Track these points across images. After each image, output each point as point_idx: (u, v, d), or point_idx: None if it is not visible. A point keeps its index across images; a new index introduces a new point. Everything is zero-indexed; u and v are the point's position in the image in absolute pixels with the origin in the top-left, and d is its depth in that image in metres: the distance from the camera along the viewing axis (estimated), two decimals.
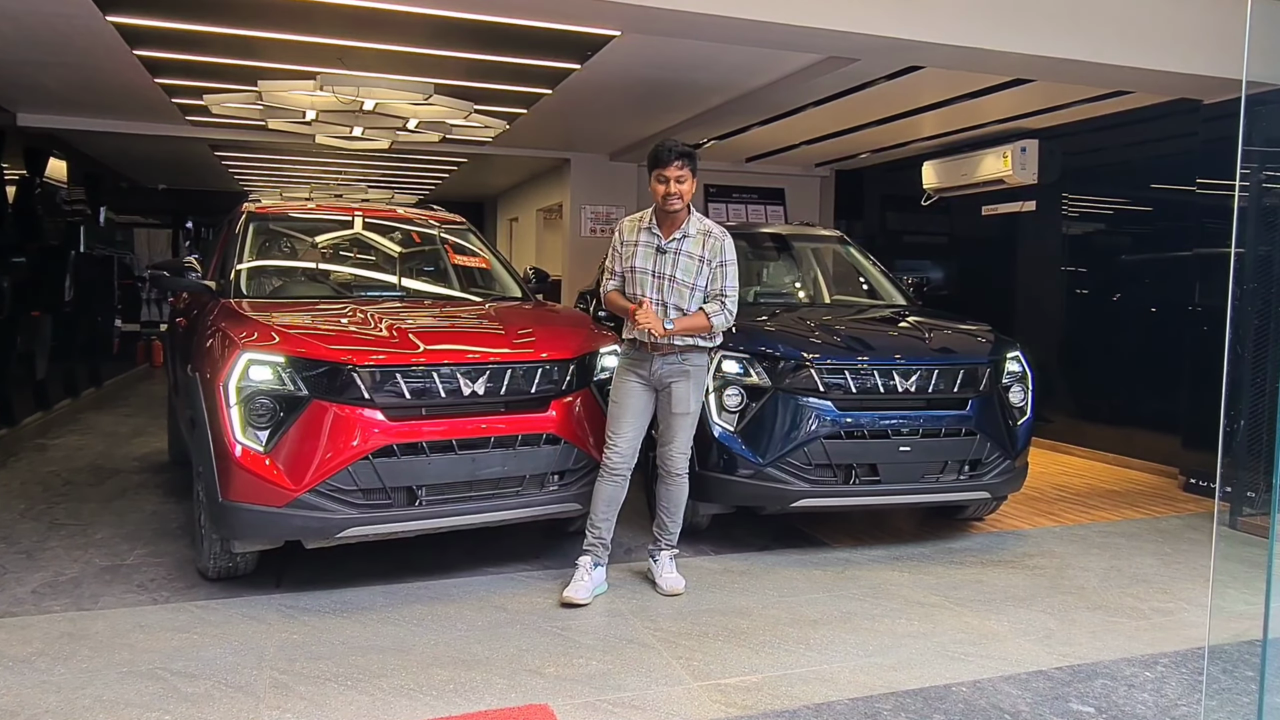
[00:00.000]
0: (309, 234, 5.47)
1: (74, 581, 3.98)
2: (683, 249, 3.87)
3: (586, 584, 3.83)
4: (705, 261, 3.87)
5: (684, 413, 3.91)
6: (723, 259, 3.89)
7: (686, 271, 3.85)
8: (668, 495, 4.01)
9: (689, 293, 3.87)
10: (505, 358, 3.96)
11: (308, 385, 3.63)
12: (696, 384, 3.93)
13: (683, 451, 3.95)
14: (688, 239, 3.87)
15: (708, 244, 3.88)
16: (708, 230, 3.91)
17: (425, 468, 3.72)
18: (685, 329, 3.84)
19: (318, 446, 3.60)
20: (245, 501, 3.59)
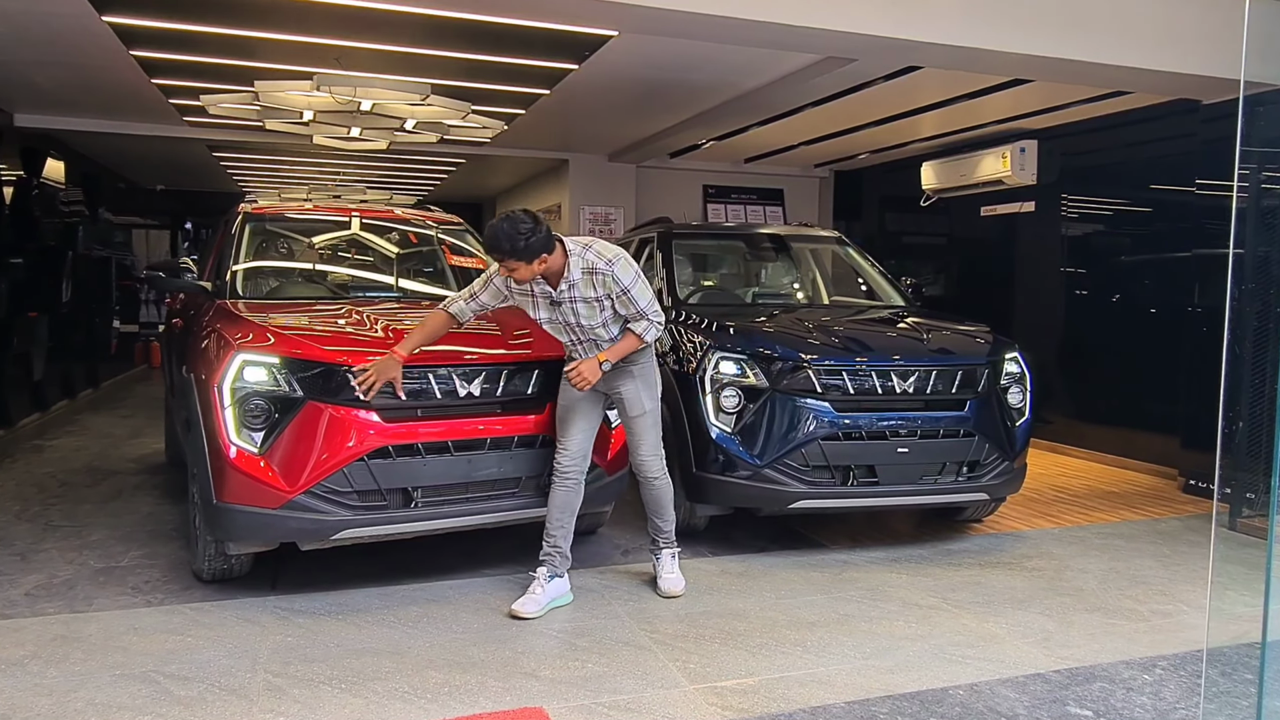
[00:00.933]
0: (306, 234, 5.45)
1: (68, 584, 3.96)
2: (575, 295, 3.65)
3: (539, 597, 3.73)
4: (603, 299, 3.66)
5: (640, 414, 3.86)
6: (622, 287, 3.62)
7: (590, 316, 3.69)
8: (651, 499, 3.99)
9: (604, 330, 3.75)
10: (502, 359, 3.94)
11: (303, 386, 3.62)
12: (645, 382, 3.85)
13: (652, 454, 3.90)
14: (575, 286, 3.64)
15: (597, 281, 3.63)
16: (591, 267, 3.62)
17: (421, 469, 3.70)
18: (621, 356, 3.75)
19: (313, 448, 3.58)
20: (240, 503, 3.57)
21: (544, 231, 3.51)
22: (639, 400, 3.84)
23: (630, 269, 3.66)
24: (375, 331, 3.95)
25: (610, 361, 3.71)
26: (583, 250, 3.65)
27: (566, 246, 3.64)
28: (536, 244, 3.48)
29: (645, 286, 3.71)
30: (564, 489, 3.82)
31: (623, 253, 3.70)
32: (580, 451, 3.83)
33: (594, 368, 3.69)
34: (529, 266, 3.53)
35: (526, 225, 3.47)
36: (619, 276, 3.62)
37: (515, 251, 3.48)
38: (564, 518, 3.84)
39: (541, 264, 3.55)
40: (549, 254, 3.55)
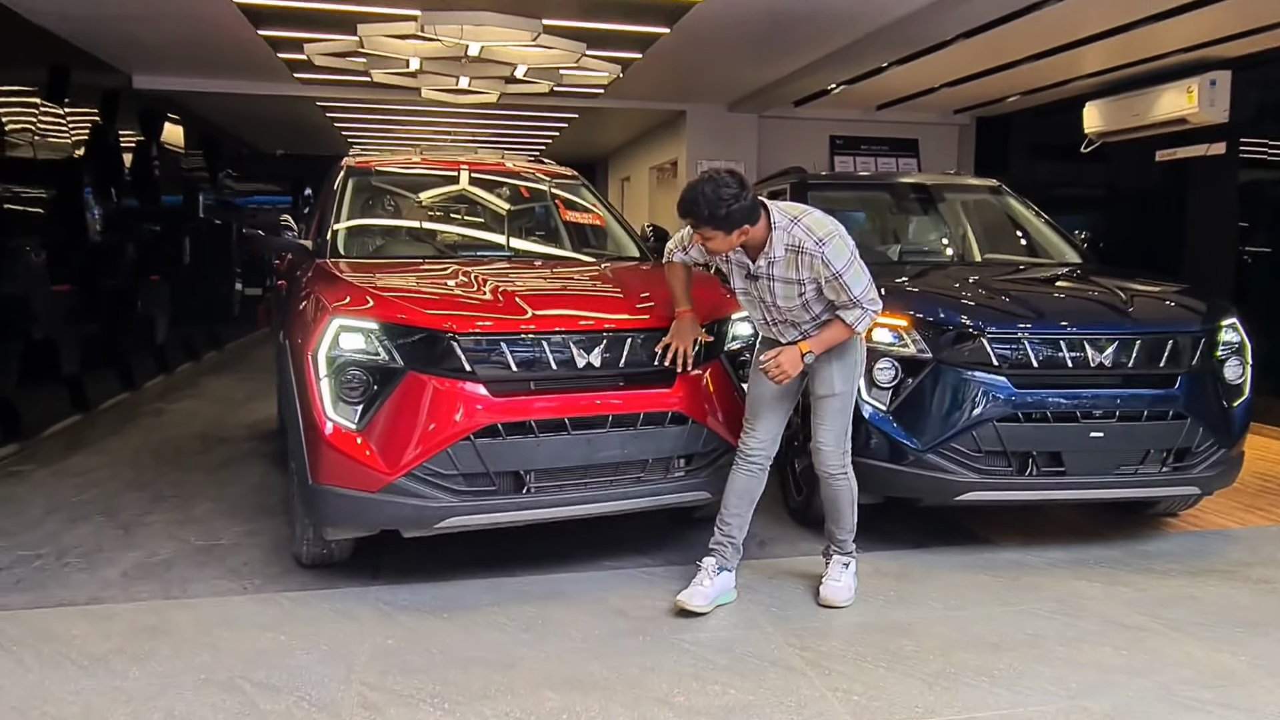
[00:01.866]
0: (412, 190, 5.07)
1: (166, 564, 3.72)
2: (774, 274, 3.16)
3: (707, 589, 3.29)
4: (804, 282, 3.13)
5: (827, 394, 3.30)
6: (833, 272, 3.07)
7: (787, 297, 3.19)
8: (827, 499, 3.42)
9: (803, 311, 3.23)
10: (624, 324, 3.44)
11: (403, 355, 3.21)
12: (843, 361, 3.29)
13: (834, 444, 3.32)
14: (775, 263, 3.14)
15: (802, 262, 3.09)
16: (797, 245, 3.08)
17: (534, 450, 3.25)
18: (827, 347, 3.22)
19: (414, 424, 3.17)
20: (336, 485, 3.20)
21: (749, 199, 3.02)
22: (830, 379, 3.29)
23: (845, 250, 3.09)
24: (483, 294, 3.50)
25: (815, 353, 3.19)
26: (790, 224, 3.09)
27: (772, 217, 3.10)
28: (738, 213, 3.00)
29: (861, 270, 3.12)
30: (746, 473, 3.36)
31: (838, 229, 3.12)
32: (770, 435, 3.36)
33: (795, 360, 3.16)
34: (726, 237, 3.06)
35: (730, 190, 2.97)
36: (830, 259, 3.06)
37: (714, 219, 3.00)
38: (742, 505, 3.38)
39: (741, 235, 3.06)
40: (751, 225, 3.04)
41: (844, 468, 3.35)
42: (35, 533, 4.10)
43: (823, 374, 3.29)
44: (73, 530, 4.13)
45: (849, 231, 3.19)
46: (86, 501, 4.58)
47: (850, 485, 3.38)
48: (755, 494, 3.41)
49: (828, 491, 3.39)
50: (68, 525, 4.20)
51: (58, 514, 4.37)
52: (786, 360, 3.16)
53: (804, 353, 3.17)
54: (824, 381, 3.30)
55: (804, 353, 3.17)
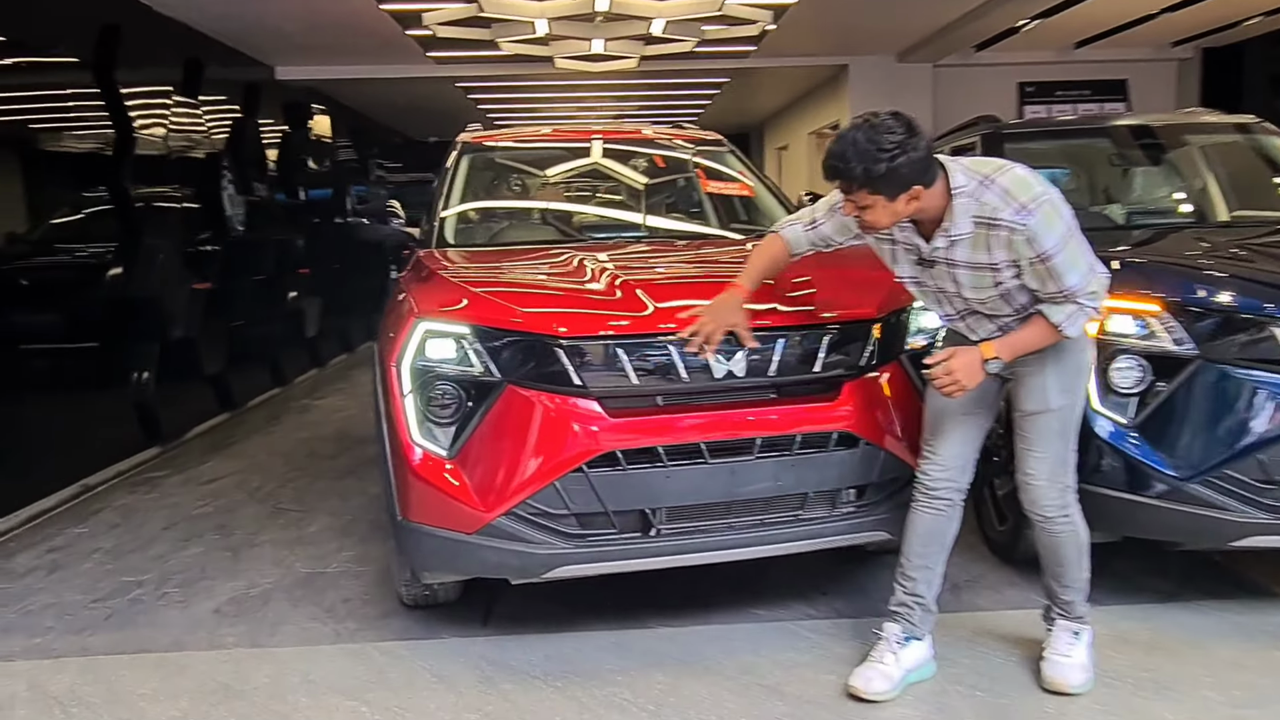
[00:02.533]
0: (538, 166, 4.50)
1: (263, 597, 3.33)
2: (956, 258, 2.30)
3: (889, 669, 2.52)
4: (1002, 268, 2.26)
5: (1038, 410, 2.43)
6: (1040, 253, 2.19)
7: (977, 287, 2.33)
8: (1043, 547, 2.57)
9: (1002, 302, 2.36)
10: (777, 320, 2.70)
11: (501, 365, 2.61)
12: (1061, 365, 2.40)
13: (1047, 477, 2.45)
14: (958, 242, 2.27)
15: (996, 240, 2.22)
16: (991, 216, 2.21)
17: (663, 483, 2.58)
18: (1021, 353, 2.36)
19: (515, 452, 2.57)
20: (426, 523, 2.66)
21: (921, 149, 2.16)
22: (1042, 389, 2.42)
23: (1059, 221, 2.20)
24: (599, 285, 2.86)
25: (1001, 359, 2.35)
26: (980, 186, 2.22)
27: (952, 179, 2.24)
28: (907, 169, 2.14)
29: (1080, 250, 2.25)
30: (931, 512, 2.57)
31: (1049, 192, 2.23)
32: (958, 462, 2.56)
33: (973, 366, 2.33)
34: (889, 205, 2.21)
35: (895, 137, 2.13)
36: (1037, 234, 2.18)
37: (872, 179, 2.16)
38: (929, 554, 2.59)
39: (911, 202, 2.21)
40: (925, 187, 2.20)
41: (1064, 508, 2.48)
42: (145, 553, 3.84)
43: (1031, 382, 2.43)
44: (182, 552, 3.85)
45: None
46: (206, 515, 4.34)
47: (1076, 531, 2.51)
48: (946, 538, 2.61)
49: (1044, 539, 2.53)
50: (179, 545, 3.93)
51: (174, 530, 4.13)
52: (961, 365, 2.31)
53: (986, 359, 2.32)
54: (1033, 393, 2.43)
55: (986, 359, 2.32)
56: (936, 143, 5.84)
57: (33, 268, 4.68)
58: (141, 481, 4.97)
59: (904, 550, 2.62)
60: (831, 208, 2.57)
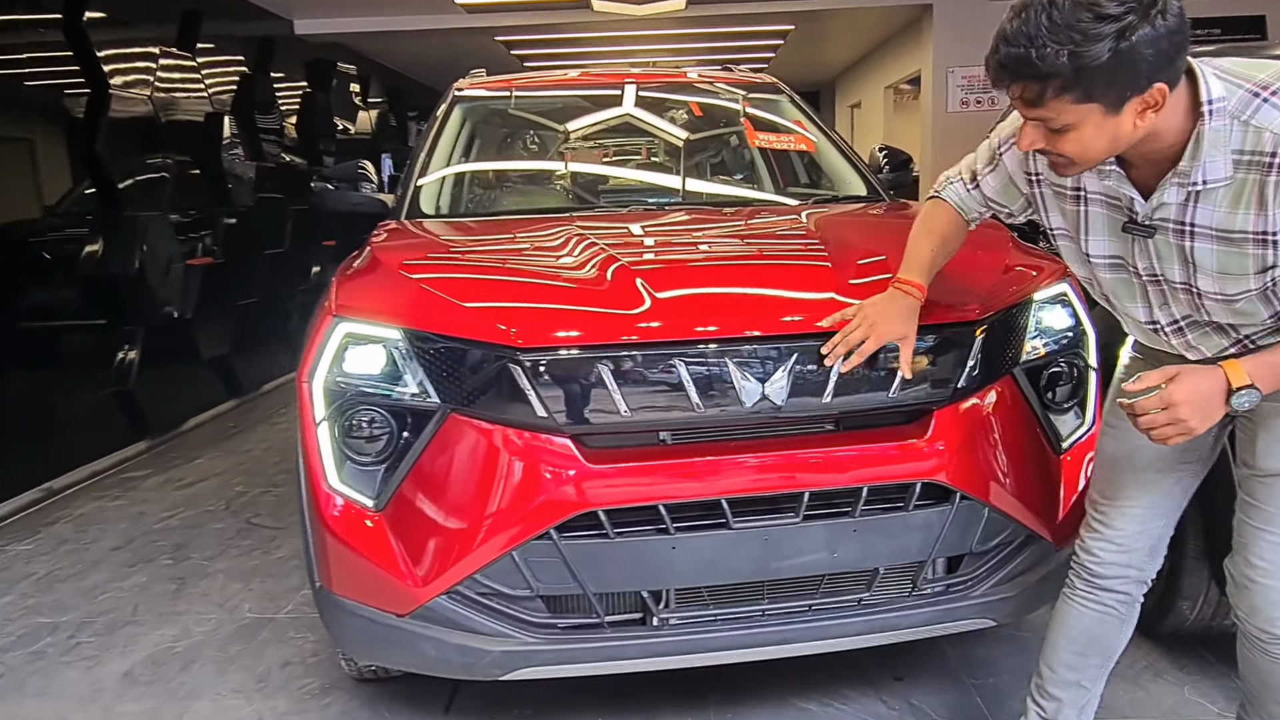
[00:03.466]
0: (550, 118, 3.71)
1: (189, 655, 2.69)
2: (1197, 221, 1.40)
3: None
4: (1274, 239, 1.35)
5: (1276, 473, 1.55)
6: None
7: (1227, 275, 1.42)
8: (1253, 671, 1.68)
9: (1265, 307, 1.45)
10: (830, 322, 1.88)
11: (440, 385, 1.86)
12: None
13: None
14: (1206, 196, 1.37)
15: (1272, 186, 1.31)
16: (1268, 151, 1.30)
17: (666, 557, 1.81)
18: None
19: (458, 507, 1.84)
20: (348, 597, 1.95)
21: (1171, 18, 1.25)
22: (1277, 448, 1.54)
23: None
24: (588, 272, 2.07)
25: (1259, 391, 1.44)
26: (1251, 102, 1.33)
27: (1202, 88, 1.34)
28: (1148, 52, 1.25)
29: None
30: (1094, 608, 1.78)
31: None
32: (1144, 541, 1.73)
33: (1210, 400, 1.43)
34: (1108, 122, 1.32)
35: (1115, 6, 1.23)
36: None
37: (1082, 73, 1.26)
38: (1085, 665, 1.82)
39: (1146, 114, 1.31)
40: (1163, 90, 1.29)
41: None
42: (80, 582, 3.25)
43: (1269, 439, 1.55)
44: (122, 582, 3.24)
45: None
46: (167, 530, 3.74)
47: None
48: (1112, 646, 1.81)
49: (1261, 662, 1.66)
50: (122, 572, 3.33)
51: (123, 552, 3.53)
52: (1190, 396, 1.42)
53: (1235, 389, 1.43)
54: (1270, 450, 1.55)
55: (1235, 389, 1.43)
56: None
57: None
58: (116, 483, 4.42)
59: (1046, 657, 1.84)
60: (995, 153, 1.69)
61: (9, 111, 4.34)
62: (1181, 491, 1.71)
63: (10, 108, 4.34)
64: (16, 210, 4.34)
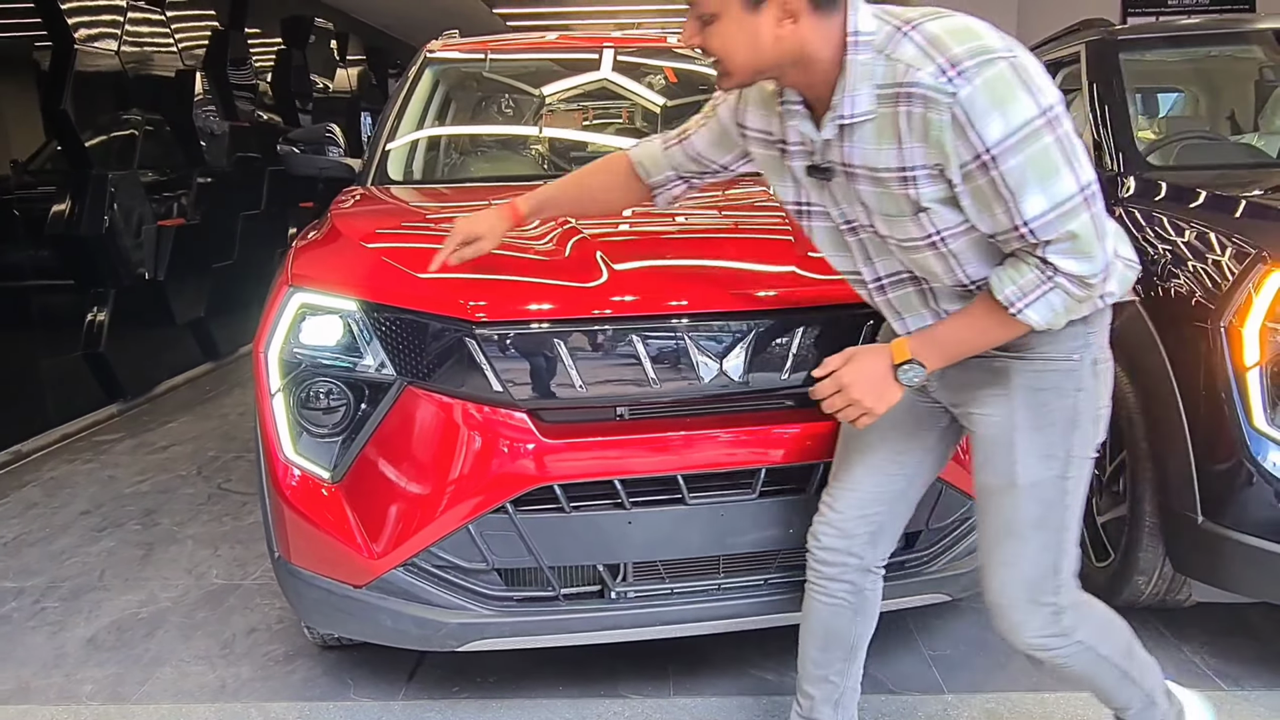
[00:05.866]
0: (526, 82, 3.65)
1: (154, 621, 2.69)
2: (853, 161, 1.39)
3: None
4: (917, 177, 1.34)
5: (1002, 485, 1.52)
6: (980, 148, 1.27)
7: (889, 218, 1.42)
8: (1071, 681, 1.69)
9: (945, 262, 1.42)
10: (789, 297, 1.87)
11: (396, 358, 1.85)
12: (1042, 406, 1.48)
13: (1026, 597, 1.54)
14: (855, 130, 1.37)
15: (908, 126, 1.31)
16: (901, 84, 1.30)
17: (623, 531, 1.82)
18: (960, 355, 1.46)
19: (414, 480, 1.83)
20: (305, 567, 1.95)
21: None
22: (1007, 448, 1.50)
23: (1020, 96, 1.26)
24: (547, 244, 2.05)
25: (923, 366, 1.45)
26: (893, 35, 1.32)
27: (851, 21, 1.34)
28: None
29: (1058, 159, 1.28)
30: (824, 600, 1.73)
31: (1006, 47, 1.29)
32: (865, 526, 1.69)
33: (879, 379, 1.44)
34: (745, 19, 1.33)
35: None
36: (974, 115, 1.25)
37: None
38: (828, 661, 1.77)
39: (786, 24, 1.32)
40: (814, 6, 1.32)
41: (1061, 634, 1.56)
42: (48, 547, 3.24)
43: (989, 432, 1.53)
44: (90, 546, 3.24)
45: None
46: (138, 495, 3.72)
47: (1093, 647, 1.60)
48: (849, 639, 1.77)
49: (1061, 673, 1.64)
50: (90, 537, 3.32)
51: (92, 516, 3.52)
52: (859, 376, 1.45)
53: (897, 363, 1.44)
54: (993, 453, 1.53)
55: (897, 363, 1.44)
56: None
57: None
58: (87, 447, 4.39)
59: (800, 651, 1.80)
60: (712, 105, 1.69)
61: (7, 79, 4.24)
62: (906, 480, 1.69)
63: None
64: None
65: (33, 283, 4.52)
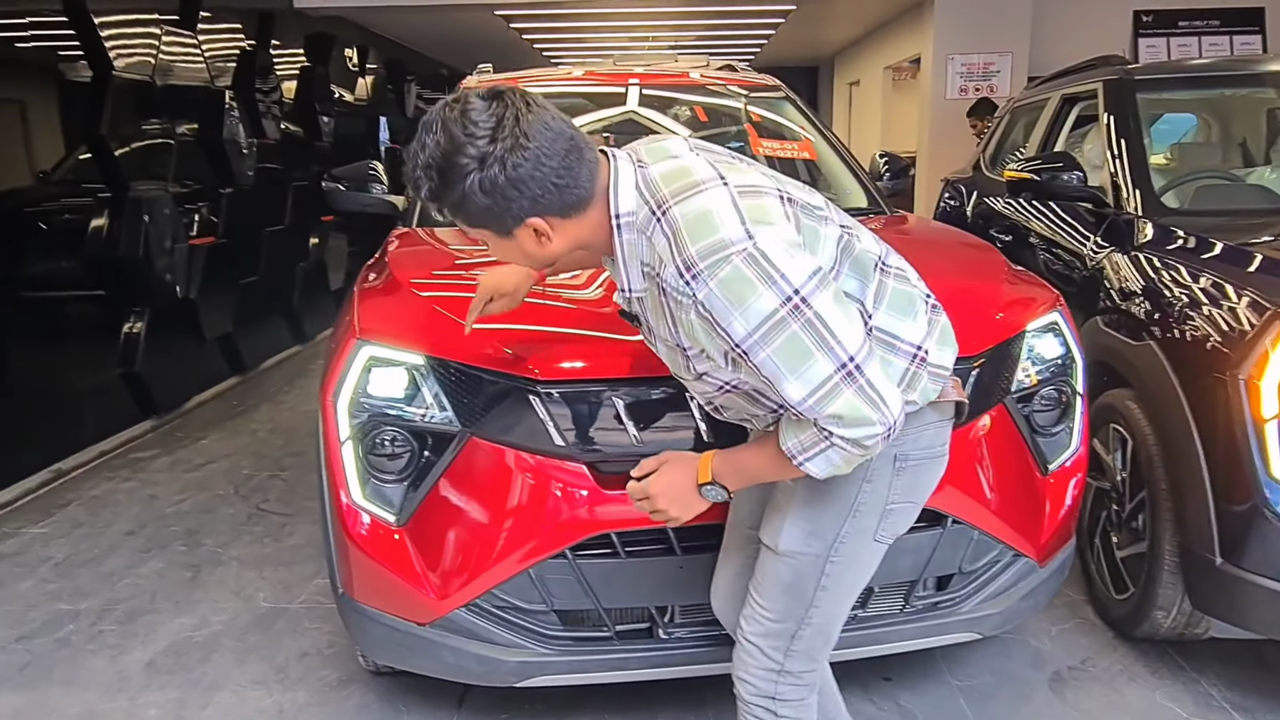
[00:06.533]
0: None
1: (209, 644, 2.80)
2: (648, 320, 1.51)
3: None
4: (689, 353, 1.46)
5: (769, 546, 1.60)
6: (731, 342, 1.33)
7: (682, 376, 1.56)
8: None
9: (745, 402, 1.53)
10: None
11: (460, 410, 1.96)
12: (819, 496, 1.53)
13: (758, 639, 1.60)
14: (640, 298, 1.47)
15: (672, 311, 1.40)
16: (659, 274, 1.37)
17: (674, 575, 1.93)
18: (752, 480, 1.54)
19: (478, 526, 1.94)
20: (371, 605, 2.06)
21: (492, 178, 1.29)
22: (778, 517, 1.58)
23: (761, 290, 1.29)
24: (592, 294, 2.16)
25: (723, 487, 1.51)
26: (650, 218, 1.37)
27: (614, 196, 1.39)
28: (472, 200, 1.31)
29: (814, 339, 1.30)
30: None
31: (751, 237, 1.30)
32: (730, 606, 1.79)
33: (683, 491, 1.52)
34: (493, 240, 1.41)
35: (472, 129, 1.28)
36: (717, 314, 1.31)
37: (428, 198, 1.36)
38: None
39: (539, 242, 1.38)
40: (539, 226, 1.35)
41: (768, 698, 1.61)
42: (98, 568, 3.36)
43: (776, 494, 1.61)
44: (138, 568, 3.35)
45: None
46: (179, 515, 3.83)
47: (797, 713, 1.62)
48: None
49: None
50: (138, 558, 3.43)
51: (138, 536, 3.63)
52: (660, 489, 1.52)
53: (702, 484, 1.51)
54: (771, 514, 1.61)
55: (702, 484, 1.51)
56: (1037, 88, 4.94)
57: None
58: (124, 464, 4.50)
59: None
60: None
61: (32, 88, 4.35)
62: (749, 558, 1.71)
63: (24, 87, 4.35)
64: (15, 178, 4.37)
65: (72, 302, 4.64)
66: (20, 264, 4.26)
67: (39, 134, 4.55)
